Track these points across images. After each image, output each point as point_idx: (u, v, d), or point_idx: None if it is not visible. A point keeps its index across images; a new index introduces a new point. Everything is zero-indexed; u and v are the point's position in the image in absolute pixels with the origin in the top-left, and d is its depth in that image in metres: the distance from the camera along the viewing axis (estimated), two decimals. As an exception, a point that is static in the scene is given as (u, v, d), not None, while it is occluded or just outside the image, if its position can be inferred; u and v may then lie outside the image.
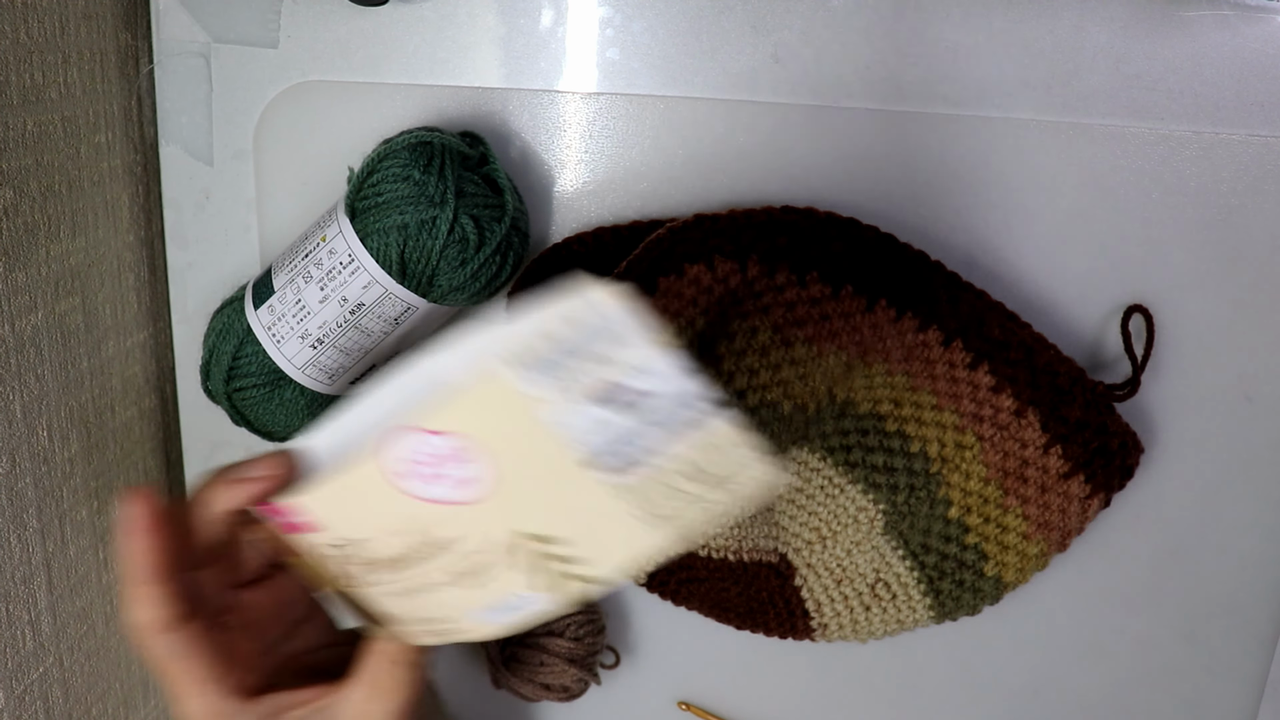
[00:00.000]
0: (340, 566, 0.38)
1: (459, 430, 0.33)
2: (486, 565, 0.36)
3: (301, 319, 0.48)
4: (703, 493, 0.33)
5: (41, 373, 0.49)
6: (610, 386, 0.31)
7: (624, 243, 0.50)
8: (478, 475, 0.34)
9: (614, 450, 0.32)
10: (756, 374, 0.48)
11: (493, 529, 0.35)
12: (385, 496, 0.35)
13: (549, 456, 0.33)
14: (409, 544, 0.36)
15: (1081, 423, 0.48)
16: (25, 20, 0.46)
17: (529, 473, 0.33)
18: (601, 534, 0.34)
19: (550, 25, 0.51)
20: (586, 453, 0.32)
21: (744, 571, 0.54)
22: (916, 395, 0.50)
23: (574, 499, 0.33)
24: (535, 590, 0.36)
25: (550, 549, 0.35)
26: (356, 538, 0.37)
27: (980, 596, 0.52)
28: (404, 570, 0.37)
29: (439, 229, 0.46)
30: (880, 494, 0.52)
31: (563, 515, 0.34)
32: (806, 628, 0.55)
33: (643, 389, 0.31)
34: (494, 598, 0.37)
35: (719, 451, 0.32)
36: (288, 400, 0.51)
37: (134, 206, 0.55)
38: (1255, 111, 0.49)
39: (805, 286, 0.47)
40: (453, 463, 0.34)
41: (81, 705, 0.54)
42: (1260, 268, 0.51)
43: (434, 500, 0.35)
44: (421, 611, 0.38)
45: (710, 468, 0.33)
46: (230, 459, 0.59)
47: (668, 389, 0.31)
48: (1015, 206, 0.51)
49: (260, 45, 0.52)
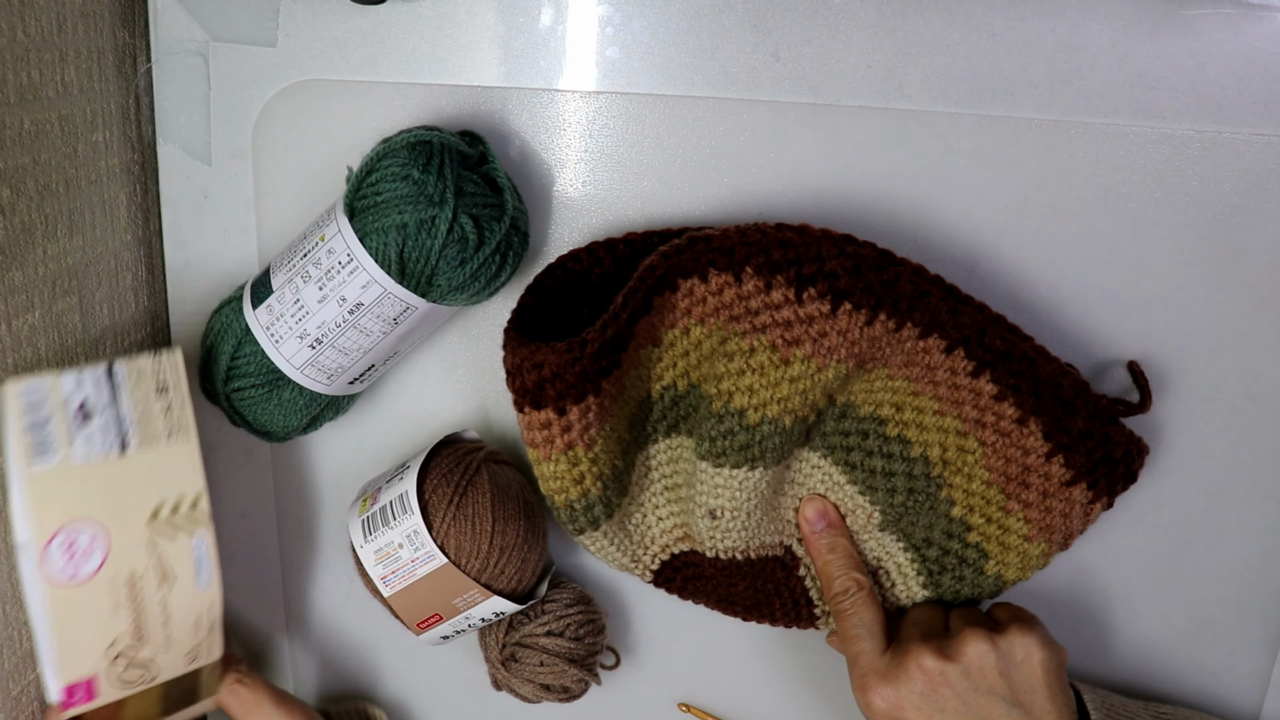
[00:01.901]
0: (140, 678, 0.48)
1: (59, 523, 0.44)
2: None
3: (300, 319, 0.48)
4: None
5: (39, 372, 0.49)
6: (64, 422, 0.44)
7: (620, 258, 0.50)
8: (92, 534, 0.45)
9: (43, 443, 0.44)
10: (755, 393, 0.48)
11: (133, 549, 0.46)
12: (84, 603, 0.45)
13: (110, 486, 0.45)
14: (124, 602, 0.46)
15: (1085, 433, 0.47)
16: (22, 18, 0.46)
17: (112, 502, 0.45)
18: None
19: (550, 24, 0.51)
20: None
21: (750, 567, 0.54)
22: (918, 400, 0.50)
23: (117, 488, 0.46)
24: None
25: (174, 515, 0.47)
26: (117, 645, 0.46)
27: (979, 591, 0.52)
28: (143, 628, 0.47)
29: (438, 228, 0.46)
30: (876, 496, 0.52)
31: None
32: (810, 616, 0.55)
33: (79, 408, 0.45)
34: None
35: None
36: (286, 400, 0.51)
37: (132, 206, 0.55)
38: (1258, 110, 0.48)
39: (802, 304, 0.47)
40: (74, 545, 0.45)
41: (79, 706, 0.54)
42: (1263, 266, 0.50)
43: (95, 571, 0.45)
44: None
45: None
46: (228, 459, 0.59)
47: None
48: (1017, 205, 0.51)
49: (258, 44, 0.52)
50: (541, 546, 0.53)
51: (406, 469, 0.52)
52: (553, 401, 0.47)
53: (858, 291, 0.46)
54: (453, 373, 0.56)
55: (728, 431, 0.49)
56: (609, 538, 0.53)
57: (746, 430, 0.49)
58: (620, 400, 0.50)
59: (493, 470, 0.52)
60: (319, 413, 0.53)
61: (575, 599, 0.55)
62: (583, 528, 0.52)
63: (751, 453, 0.49)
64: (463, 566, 0.50)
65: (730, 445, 0.49)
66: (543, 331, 0.50)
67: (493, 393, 0.56)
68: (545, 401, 0.47)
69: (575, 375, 0.46)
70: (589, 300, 0.50)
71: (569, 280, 0.50)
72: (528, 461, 0.51)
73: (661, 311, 0.49)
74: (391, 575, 0.51)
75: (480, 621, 0.53)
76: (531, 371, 0.46)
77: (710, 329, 0.49)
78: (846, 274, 0.46)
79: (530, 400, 0.47)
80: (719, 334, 0.49)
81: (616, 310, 0.46)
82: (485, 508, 0.51)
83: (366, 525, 0.52)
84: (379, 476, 0.55)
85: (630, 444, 0.52)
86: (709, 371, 0.50)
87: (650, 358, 0.50)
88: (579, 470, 0.49)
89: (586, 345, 0.46)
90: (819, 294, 0.46)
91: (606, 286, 0.50)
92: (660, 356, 0.50)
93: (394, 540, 0.51)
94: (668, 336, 0.50)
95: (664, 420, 0.52)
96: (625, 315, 0.47)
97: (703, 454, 0.50)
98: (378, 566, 0.51)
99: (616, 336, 0.47)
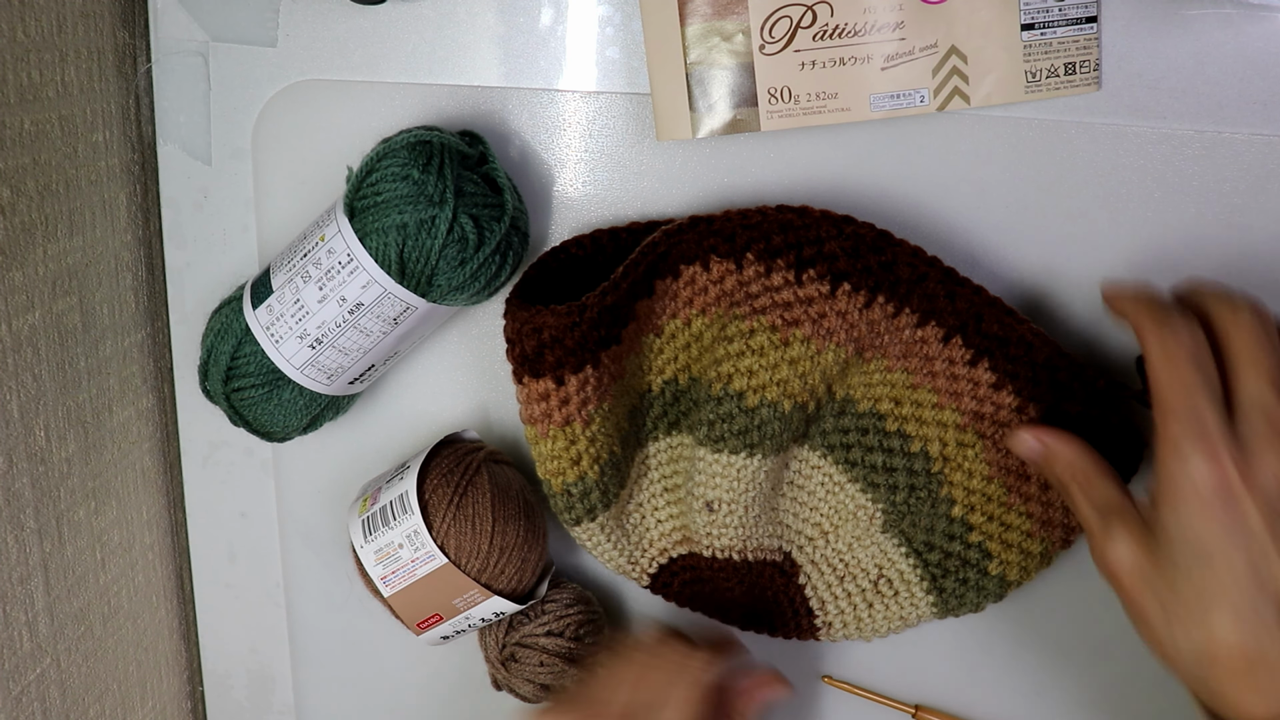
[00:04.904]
0: None
1: None
2: None
3: (300, 319, 0.48)
4: None
5: (39, 372, 0.49)
6: None
7: (622, 245, 0.50)
8: None
9: None
10: (755, 374, 0.48)
11: None
12: None
13: None
14: None
15: (1083, 416, 0.47)
16: (22, 18, 0.46)
17: None
18: None
19: (550, 24, 0.51)
20: None
21: (748, 571, 0.54)
22: (916, 393, 0.50)
23: None
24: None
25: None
26: None
27: (984, 594, 0.52)
28: None
29: (438, 228, 0.46)
30: (879, 493, 0.52)
31: None
32: (811, 627, 0.55)
33: None
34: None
35: None
36: (286, 401, 0.51)
37: (132, 206, 0.55)
38: (1258, 110, 0.48)
39: (801, 285, 0.47)
40: None
41: (79, 706, 0.54)
42: (1263, 267, 0.50)
43: None
44: None
45: None
46: (229, 460, 0.59)
47: None
48: (1017, 206, 0.51)
49: (259, 44, 0.52)
50: (541, 547, 0.53)
51: (406, 469, 0.52)
52: (551, 370, 0.47)
53: (856, 273, 0.47)
54: (453, 373, 0.56)
55: (726, 415, 0.49)
56: (606, 533, 0.53)
57: (745, 413, 0.49)
58: (620, 385, 0.50)
59: (493, 470, 0.52)
60: (319, 413, 0.53)
61: (575, 599, 0.55)
62: (579, 517, 0.52)
63: (750, 438, 0.49)
64: (463, 566, 0.50)
65: (729, 430, 0.49)
66: None
67: (493, 393, 0.56)
68: (544, 369, 0.47)
69: (574, 341, 0.46)
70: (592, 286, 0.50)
71: (573, 265, 0.50)
72: (529, 461, 0.51)
73: (664, 298, 0.49)
74: (391, 575, 0.51)
75: (480, 621, 0.53)
76: (531, 336, 0.47)
77: (712, 318, 0.49)
78: (845, 255, 0.46)
79: (529, 369, 0.47)
80: (720, 321, 0.49)
81: (617, 279, 0.47)
82: (485, 508, 0.51)
83: (366, 525, 0.52)
84: (379, 476, 0.55)
85: (630, 435, 0.52)
86: (709, 360, 0.50)
87: (651, 347, 0.50)
88: (576, 450, 0.49)
89: (586, 310, 0.46)
90: (818, 275, 0.47)
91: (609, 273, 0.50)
92: (662, 348, 0.50)
93: (394, 540, 0.51)
94: (669, 327, 0.50)
95: (665, 417, 0.52)
96: (626, 285, 0.47)
97: (700, 439, 0.50)
98: (378, 567, 0.51)
99: (616, 305, 0.47)
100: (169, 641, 0.62)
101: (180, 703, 0.64)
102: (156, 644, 0.61)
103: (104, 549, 0.55)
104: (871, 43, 0.48)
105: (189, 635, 0.64)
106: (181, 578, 0.63)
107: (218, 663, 0.63)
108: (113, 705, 0.57)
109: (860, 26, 0.48)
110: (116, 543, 0.56)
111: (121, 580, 0.57)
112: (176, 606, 0.63)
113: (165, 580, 0.62)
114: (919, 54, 0.48)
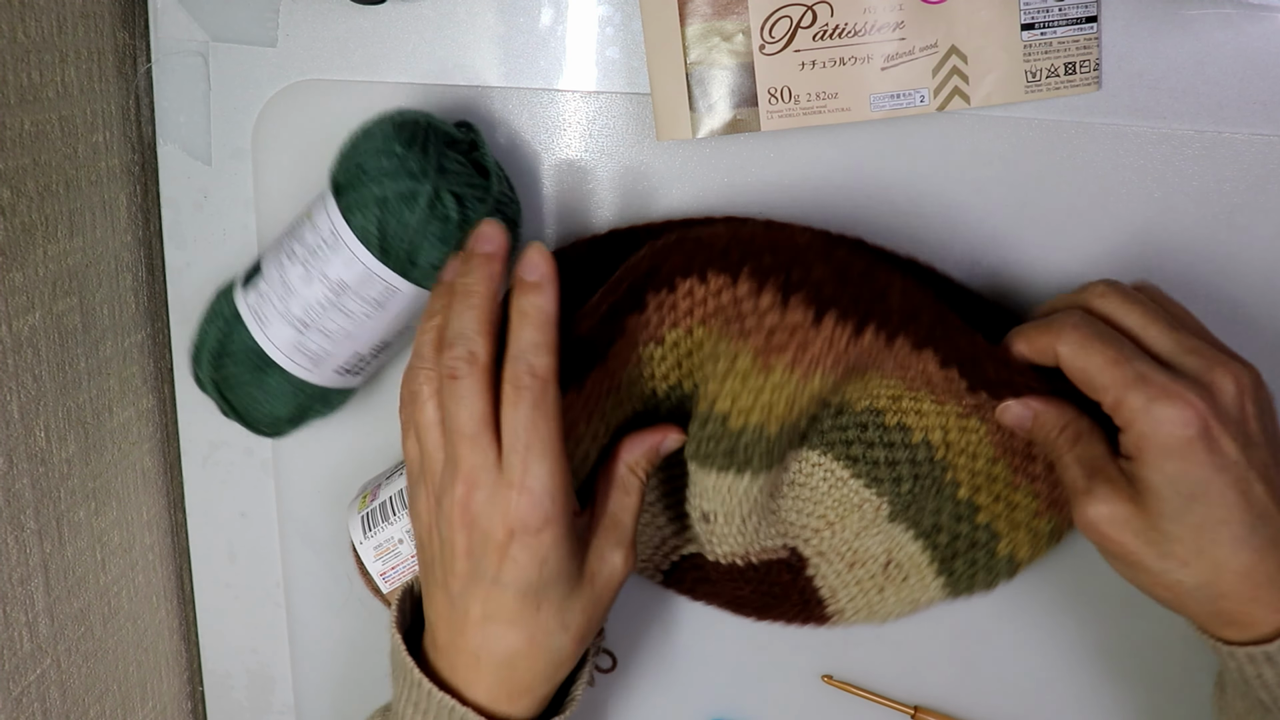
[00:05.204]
0: None
1: None
2: None
3: (285, 299, 0.48)
4: None
5: (39, 373, 0.49)
6: None
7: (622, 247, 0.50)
8: None
9: None
10: (737, 398, 0.47)
11: None
12: None
13: None
14: None
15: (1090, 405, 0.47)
16: (22, 19, 0.46)
17: None
18: None
19: (550, 24, 0.51)
20: None
21: (754, 572, 0.54)
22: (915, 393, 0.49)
23: None
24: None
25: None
26: None
27: (994, 574, 0.52)
28: None
29: (418, 203, 0.46)
30: (883, 487, 0.51)
31: None
32: (823, 614, 0.55)
33: None
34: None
35: None
36: (272, 387, 0.50)
37: (132, 206, 0.55)
38: (1258, 110, 0.48)
39: (786, 311, 0.45)
40: None
41: (79, 707, 0.54)
42: (1263, 267, 0.50)
43: None
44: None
45: None
46: (229, 460, 0.59)
47: None
48: (1016, 206, 0.51)
49: (259, 44, 0.52)
50: (542, 546, 0.53)
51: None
52: None
53: (845, 301, 0.45)
54: (453, 373, 0.56)
55: (711, 435, 0.48)
56: None
57: (729, 436, 0.48)
58: (614, 398, 0.50)
59: (493, 470, 0.52)
60: (307, 404, 0.52)
61: (575, 599, 0.55)
62: None
63: (736, 458, 0.48)
64: (463, 566, 0.50)
65: (715, 449, 0.48)
66: None
67: (493, 393, 0.56)
68: None
69: None
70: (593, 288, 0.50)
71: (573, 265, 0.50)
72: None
73: (659, 310, 0.48)
74: (391, 571, 0.51)
75: (480, 621, 0.53)
76: None
77: (711, 329, 0.49)
78: (832, 283, 0.45)
79: None
80: (715, 335, 0.49)
81: (594, 305, 0.46)
82: (485, 508, 0.50)
83: (366, 521, 0.52)
84: (379, 474, 0.55)
85: None
86: (700, 376, 0.50)
87: (654, 355, 0.50)
88: None
89: (561, 337, 0.45)
90: (803, 302, 0.45)
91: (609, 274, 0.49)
92: (665, 356, 0.50)
93: (394, 535, 0.51)
94: (671, 336, 0.49)
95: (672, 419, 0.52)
96: (605, 309, 0.46)
97: (690, 454, 0.50)
98: (377, 562, 0.51)
99: (596, 329, 0.47)
100: (169, 642, 0.62)
101: (180, 703, 0.64)
102: (156, 644, 0.61)
103: (104, 549, 0.55)
104: (871, 43, 0.48)
105: (189, 635, 0.64)
106: (181, 578, 0.63)
107: (218, 663, 0.63)
108: (113, 706, 0.57)
109: (860, 26, 0.48)
110: (117, 543, 0.56)
111: (122, 581, 0.57)
112: (176, 607, 0.63)
113: (165, 581, 0.62)
114: (919, 54, 0.48)
